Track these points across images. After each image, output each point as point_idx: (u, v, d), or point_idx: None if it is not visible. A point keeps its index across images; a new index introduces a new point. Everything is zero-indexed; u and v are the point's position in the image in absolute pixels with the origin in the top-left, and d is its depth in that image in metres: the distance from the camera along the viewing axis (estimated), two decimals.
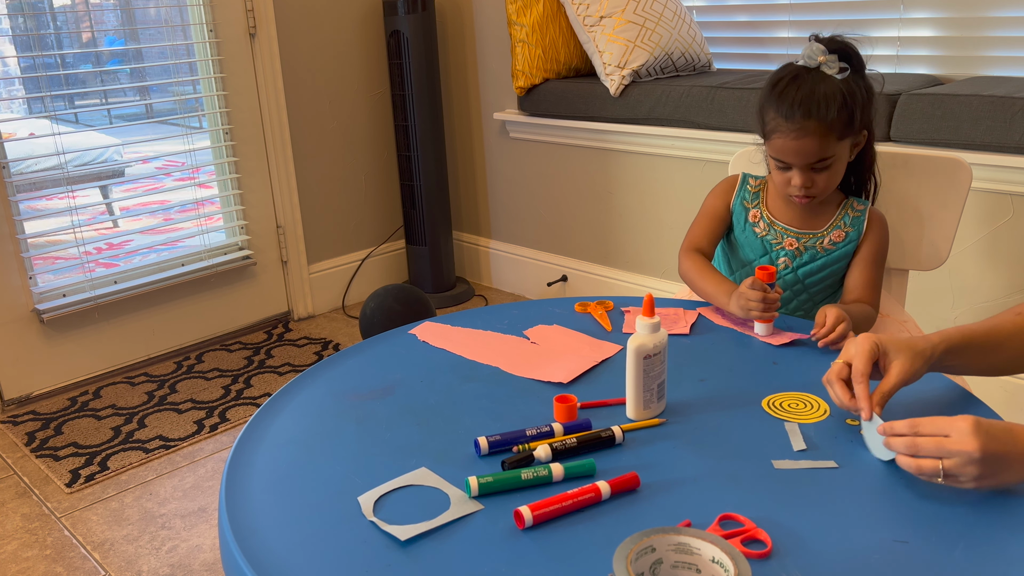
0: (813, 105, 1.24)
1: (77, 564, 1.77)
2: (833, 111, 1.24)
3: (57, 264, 2.52)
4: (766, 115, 1.30)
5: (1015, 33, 2.07)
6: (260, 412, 1.04)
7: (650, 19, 2.47)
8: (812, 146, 1.26)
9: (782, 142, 1.28)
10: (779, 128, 1.27)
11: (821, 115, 1.24)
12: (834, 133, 1.25)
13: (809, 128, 1.24)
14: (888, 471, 0.87)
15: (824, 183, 1.30)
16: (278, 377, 2.57)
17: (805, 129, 1.25)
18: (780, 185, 1.34)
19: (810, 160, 1.27)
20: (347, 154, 3.06)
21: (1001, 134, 1.82)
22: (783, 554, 0.75)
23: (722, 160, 2.36)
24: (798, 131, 1.25)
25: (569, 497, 0.82)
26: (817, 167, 1.28)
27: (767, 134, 1.31)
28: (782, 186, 1.33)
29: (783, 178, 1.32)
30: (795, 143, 1.26)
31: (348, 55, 2.98)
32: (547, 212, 2.96)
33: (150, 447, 2.21)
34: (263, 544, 0.80)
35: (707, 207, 1.45)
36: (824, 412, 0.99)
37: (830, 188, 1.33)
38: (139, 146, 4.61)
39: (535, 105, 2.76)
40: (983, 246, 1.96)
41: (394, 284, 2.60)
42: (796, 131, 1.25)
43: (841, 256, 1.37)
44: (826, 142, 1.26)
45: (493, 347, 1.20)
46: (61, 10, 2.81)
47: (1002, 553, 0.74)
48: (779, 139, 1.28)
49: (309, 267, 3.04)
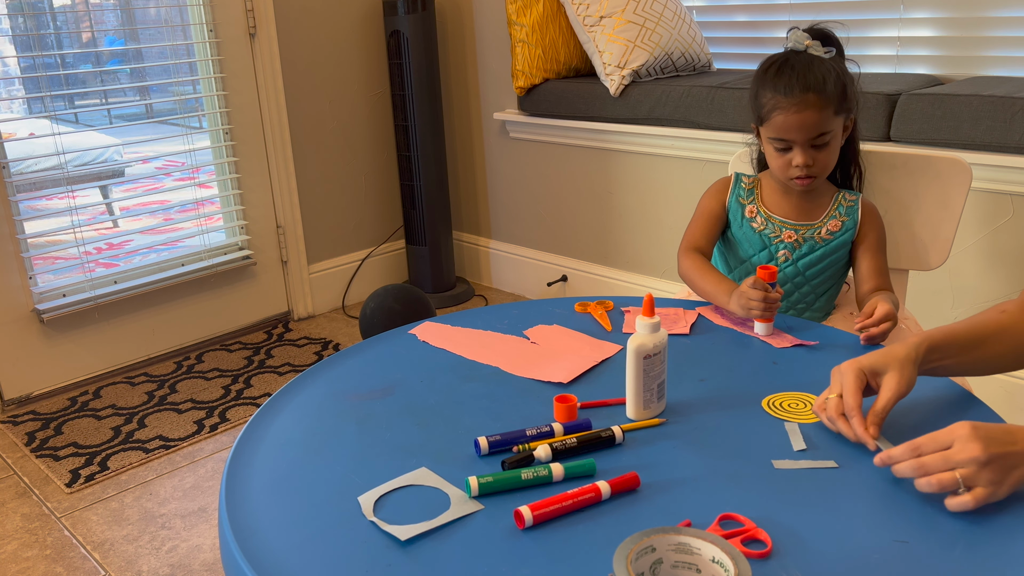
0: (811, 78, 1.28)
1: (77, 564, 1.77)
2: (831, 83, 1.28)
3: (57, 264, 2.52)
4: (762, 98, 1.33)
5: (1015, 33, 2.07)
6: (260, 412, 1.04)
7: (650, 19, 2.47)
8: (813, 119, 1.28)
9: (783, 118, 1.30)
10: (779, 105, 1.30)
11: (819, 88, 1.28)
12: (832, 106, 1.29)
13: (809, 101, 1.28)
14: (888, 471, 0.86)
15: (823, 162, 1.33)
16: (278, 377, 2.57)
17: (806, 102, 1.28)
18: (780, 169, 1.35)
19: (811, 134, 1.30)
20: (347, 154, 3.06)
21: (1001, 134, 1.82)
22: (783, 554, 0.75)
23: (722, 160, 2.36)
24: (799, 104, 1.28)
25: (569, 497, 0.82)
26: (817, 143, 1.31)
27: (764, 116, 1.33)
28: (782, 170, 1.35)
29: (783, 161, 1.34)
30: (797, 117, 1.28)
31: (348, 55, 2.98)
32: (547, 212, 2.96)
33: (150, 447, 2.21)
34: (263, 544, 0.80)
35: (702, 208, 1.46)
36: None
37: (828, 168, 1.35)
38: (139, 146, 4.61)
39: (535, 105, 2.76)
40: (983, 246, 1.96)
41: (394, 284, 2.60)
42: (797, 105, 1.28)
43: (839, 245, 1.39)
44: (826, 115, 1.29)
45: (493, 347, 1.20)
46: (61, 10, 2.81)
47: (1002, 553, 0.74)
48: (780, 116, 1.30)
49: (309, 267, 3.04)
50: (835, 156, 1.35)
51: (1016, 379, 1.97)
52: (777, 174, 1.37)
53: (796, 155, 1.31)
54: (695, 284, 1.36)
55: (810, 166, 1.32)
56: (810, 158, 1.31)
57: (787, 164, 1.33)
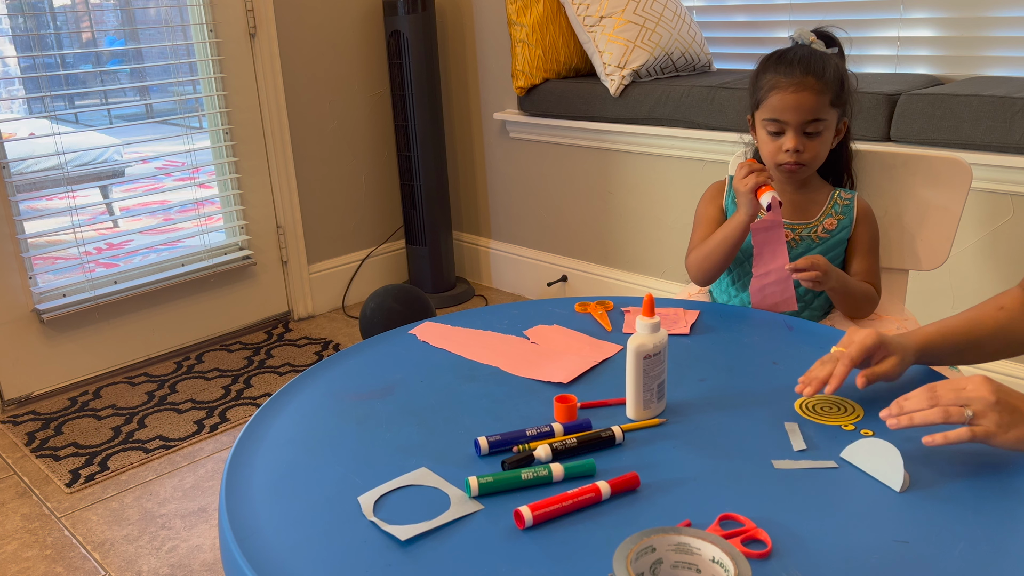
0: (812, 64, 1.31)
1: (77, 564, 1.77)
2: (830, 71, 1.31)
3: (57, 264, 2.52)
4: (762, 80, 1.35)
5: (1015, 33, 2.07)
6: (260, 412, 1.04)
7: (650, 19, 2.47)
8: (810, 101, 1.30)
9: (780, 97, 1.31)
10: (777, 85, 1.32)
11: (819, 73, 1.30)
12: (829, 94, 1.31)
13: (808, 83, 1.30)
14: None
15: (813, 151, 1.34)
16: (278, 377, 2.57)
17: (804, 84, 1.30)
18: (770, 155, 1.37)
19: (806, 117, 1.31)
20: (347, 154, 3.06)
21: (1001, 134, 1.82)
22: (783, 554, 0.75)
23: (722, 160, 2.36)
24: (797, 85, 1.30)
25: (569, 497, 0.82)
26: (809, 131, 1.33)
27: (762, 97, 1.34)
28: (772, 155, 1.36)
29: (774, 146, 1.35)
30: (794, 96, 1.30)
31: (348, 55, 2.99)
32: (547, 212, 2.96)
33: (150, 447, 2.21)
34: (263, 544, 0.80)
35: (701, 215, 1.48)
36: (858, 415, 0.98)
37: (818, 160, 1.36)
38: (139, 146, 4.61)
39: (535, 105, 2.76)
40: (983, 246, 1.96)
41: (394, 284, 2.60)
42: (795, 85, 1.30)
43: (836, 243, 1.40)
44: (822, 101, 1.31)
45: (493, 347, 1.20)
46: (61, 10, 2.81)
47: (1002, 553, 0.74)
48: (776, 96, 1.32)
49: (309, 267, 3.04)
50: (826, 149, 1.36)
51: (1015, 378, 1.97)
52: (767, 160, 1.39)
53: (787, 139, 1.33)
54: (708, 247, 1.39)
55: (800, 152, 1.33)
56: (801, 144, 1.33)
57: (778, 149, 1.35)
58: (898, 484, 0.83)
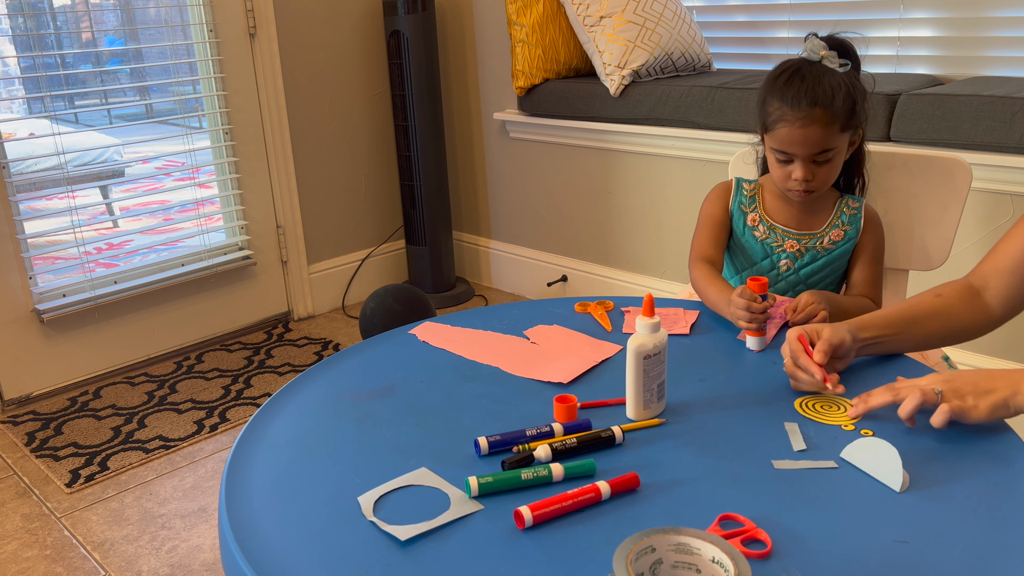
0: (820, 94, 1.25)
1: (77, 564, 1.77)
2: (839, 100, 1.25)
3: (57, 264, 2.52)
4: (769, 107, 1.30)
5: (1015, 33, 2.07)
6: (260, 412, 1.04)
7: (650, 19, 2.47)
8: (817, 135, 1.26)
9: (787, 131, 1.27)
10: (784, 117, 1.27)
11: (827, 104, 1.25)
12: (838, 123, 1.26)
13: (815, 116, 1.25)
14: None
15: (824, 177, 1.31)
16: (278, 377, 2.57)
17: (811, 117, 1.25)
18: (779, 180, 1.34)
19: (814, 150, 1.28)
20: (347, 154, 3.06)
21: (1001, 134, 1.82)
22: (783, 554, 0.75)
23: (722, 160, 2.36)
24: (804, 119, 1.25)
25: (569, 497, 0.82)
26: (819, 159, 1.29)
27: (769, 126, 1.30)
28: (781, 180, 1.33)
29: (783, 172, 1.32)
30: (801, 131, 1.26)
31: (348, 55, 2.98)
32: (547, 212, 2.96)
33: (150, 447, 2.21)
34: (263, 544, 0.80)
35: (706, 216, 1.44)
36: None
37: (828, 183, 1.33)
38: (139, 146, 4.61)
39: (535, 105, 2.76)
40: (983, 246, 1.96)
41: (394, 284, 2.60)
42: (802, 119, 1.26)
43: (842, 254, 1.38)
44: (831, 131, 1.26)
45: (493, 347, 1.20)
46: (61, 10, 2.81)
47: (1002, 553, 0.74)
48: (784, 128, 1.28)
49: (309, 267, 3.04)
50: (836, 171, 1.33)
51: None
52: (777, 183, 1.36)
53: (796, 169, 1.30)
54: (703, 295, 1.33)
55: (809, 180, 1.30)
56: (810, 173, 1.29)
57: (787, 176, 1.32)
58: (898, 484, 0.83)
